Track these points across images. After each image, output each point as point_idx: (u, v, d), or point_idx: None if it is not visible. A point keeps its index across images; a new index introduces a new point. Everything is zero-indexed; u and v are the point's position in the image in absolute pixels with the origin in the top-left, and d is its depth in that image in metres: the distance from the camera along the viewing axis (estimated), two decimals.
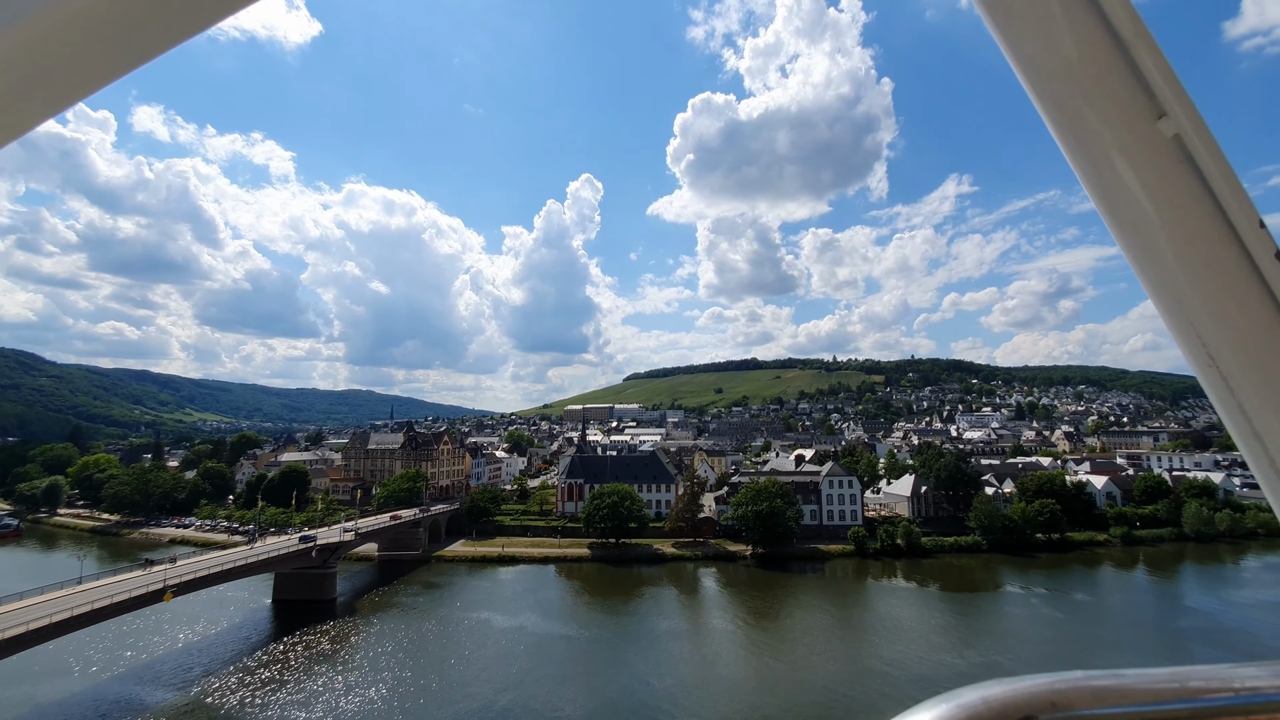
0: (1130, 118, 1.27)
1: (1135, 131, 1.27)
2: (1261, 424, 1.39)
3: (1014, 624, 64.71)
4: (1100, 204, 1.38)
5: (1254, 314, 1.30)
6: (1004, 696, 0.67)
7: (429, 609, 69.99)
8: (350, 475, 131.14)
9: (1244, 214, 1.27)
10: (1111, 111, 1.28)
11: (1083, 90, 1.30)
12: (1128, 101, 1.27)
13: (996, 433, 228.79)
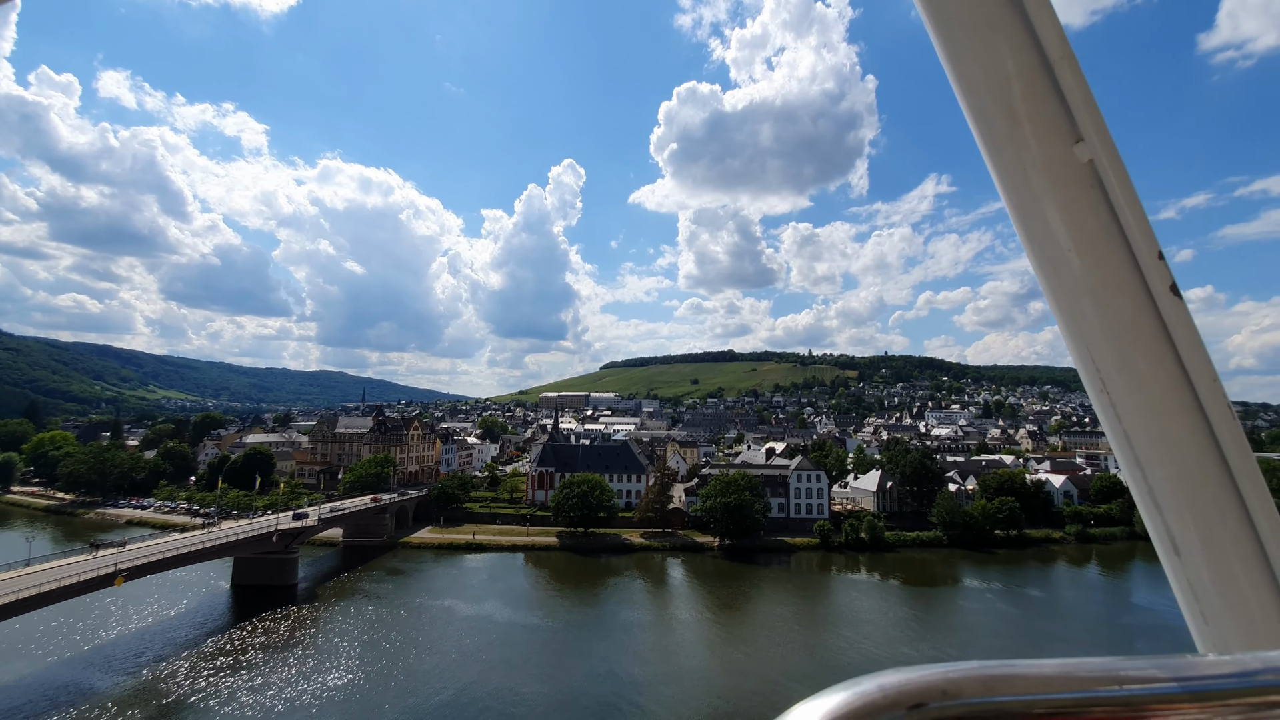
0: (1049, 139, 1.29)
1: (1052, 154, 1.29)
2: (1143, 453, 1.42)
3: (969, 618, 66.41)
4: (1016, 221, 1.41)
5: (1146, 345, 1.33)
6: (899, 685, 0.70)
7: (392, 596, 69.39)
8: (317, 459, 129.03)
9: (1145, 244, 1.30)
10: (1032, 131, 1.30)
11: (1008, 107, 1.32)
12: (1048, 123, 1.29)
13: (964, 430, 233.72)
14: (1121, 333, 1.35)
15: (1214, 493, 1.34)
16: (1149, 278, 1.30)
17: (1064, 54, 1.28)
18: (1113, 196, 1.29)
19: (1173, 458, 1.36)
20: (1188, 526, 1.32)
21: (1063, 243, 1.35)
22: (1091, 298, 1.35)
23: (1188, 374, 1.32)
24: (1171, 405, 1.34)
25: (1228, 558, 1.31)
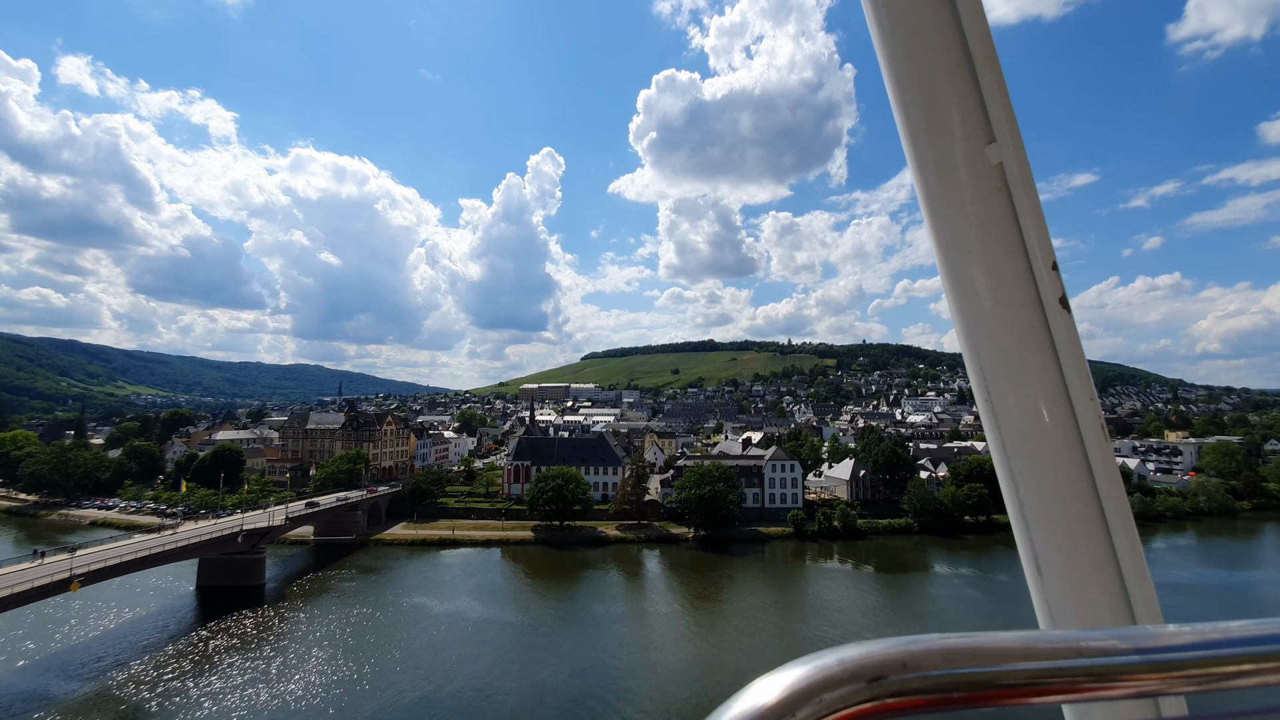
0: (964, 137, 1.30)
1: (966, 152, 1.30)
2: (1017, 468, 1.43)
3: (937, 604, 67.61)
4: (926, 216, 1.42)
5: (1033, 358, 1.34)
6: (859, 658, 0.70)
7: (364, 594, 68.71)
8: (288, 456, 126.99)
9: (1042, 254, 1.30)
10: (948, 126, 1.31)
11: (928, 99, 1.33)
12: (965, 120, 1.30)
13: (938, 417, 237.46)
14: (1011, 342, 1.35)
15: (1081, 518, 1.34)
16: (1042, 289, 1.30)
17: (986, 53, 1.28)
18: (1017, 202, 1.30)
19: (1045, 478, 1.36)
20: (1051, 549, 1.33)
21: (966, 244, 1.36)
22: (988, 304, 1.36)
23: (1069, 392, 1.33)
24: (1050, 423, 1.34)
25: (1087, 585, 1.32)
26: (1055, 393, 1.35)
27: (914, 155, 1.40)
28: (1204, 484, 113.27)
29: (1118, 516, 1.33)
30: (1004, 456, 1.43)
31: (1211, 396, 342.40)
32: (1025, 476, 1.40)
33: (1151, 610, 1.38)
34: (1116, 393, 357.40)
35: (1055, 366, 1.35)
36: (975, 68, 1.29)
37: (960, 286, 1.41)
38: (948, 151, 1.35)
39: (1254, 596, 69.44)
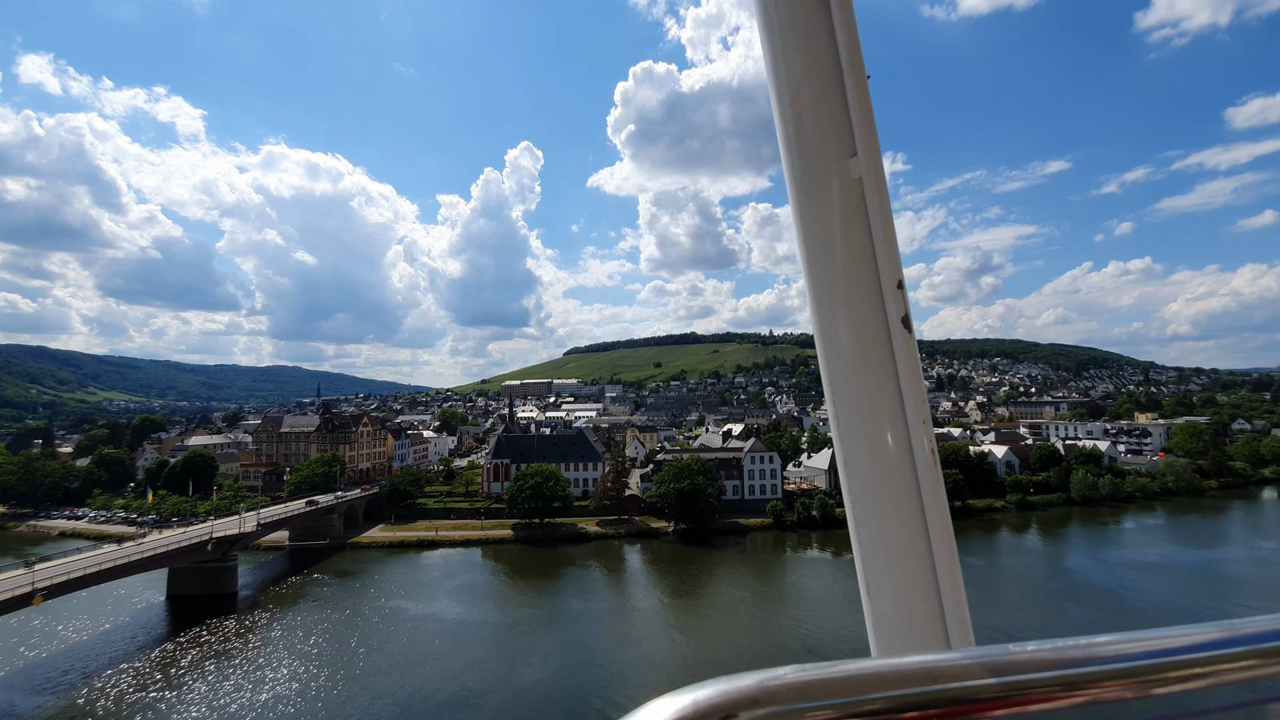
0: (830, 147, 1.31)
1: (830, 163, 1.31)
2: (854, 486, 1.43)
3: None
4: (796, 225, 1.41)
5: (875, 376, 1.34)
6: (712, 697, 0.70)
7: (339, 599, 67.89)
8: (262, 460, 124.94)
9: (890, 271, 1.31)
10: (818, 136, 1.32)
11: (800, 107, 1.33)
12: (831, 131, 1.31)
13: None
14: (858, 362, 1.36)
15: (907, 543, 1.35)
16: (888, 306, 1.32)
17: (855, 65, 1.28)
18: (872, 218, 1.30)
19: (878, 502, 1.37)
20: (879, 573, 1.33)
21: (826, 256, 1.36)
22: (841, 321, 1.37)
23: (905, 413, 1.33)
24: (887, 445, 1.34)
25: (909, 609, 1.32)
26: (894, 415, 1.36)
27: (785, 165, 1.40)
28: (1172, 464, 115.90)
29: (942, 543, 1.34)
30: (844, 478, 1.43)
31: (1181, 378, 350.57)
32: (860, 499, 1.40)
33: (965, 636, 1.36)
34: (1090, 376, 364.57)
35: (895, 386, 1.35)
36: (844, 80, 1.30)
37: (819, 301, 1.41)
38: (813, 163, 1.35)
39: (1217, 575, 71.18)
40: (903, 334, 1.33)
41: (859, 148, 1.28)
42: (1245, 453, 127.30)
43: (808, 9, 1.31)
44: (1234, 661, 0.82)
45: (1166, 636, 0.83)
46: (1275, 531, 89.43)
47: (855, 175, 1.31)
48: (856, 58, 1.28)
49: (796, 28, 1.32)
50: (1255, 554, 78.67)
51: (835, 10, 1.29)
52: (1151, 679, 0.78)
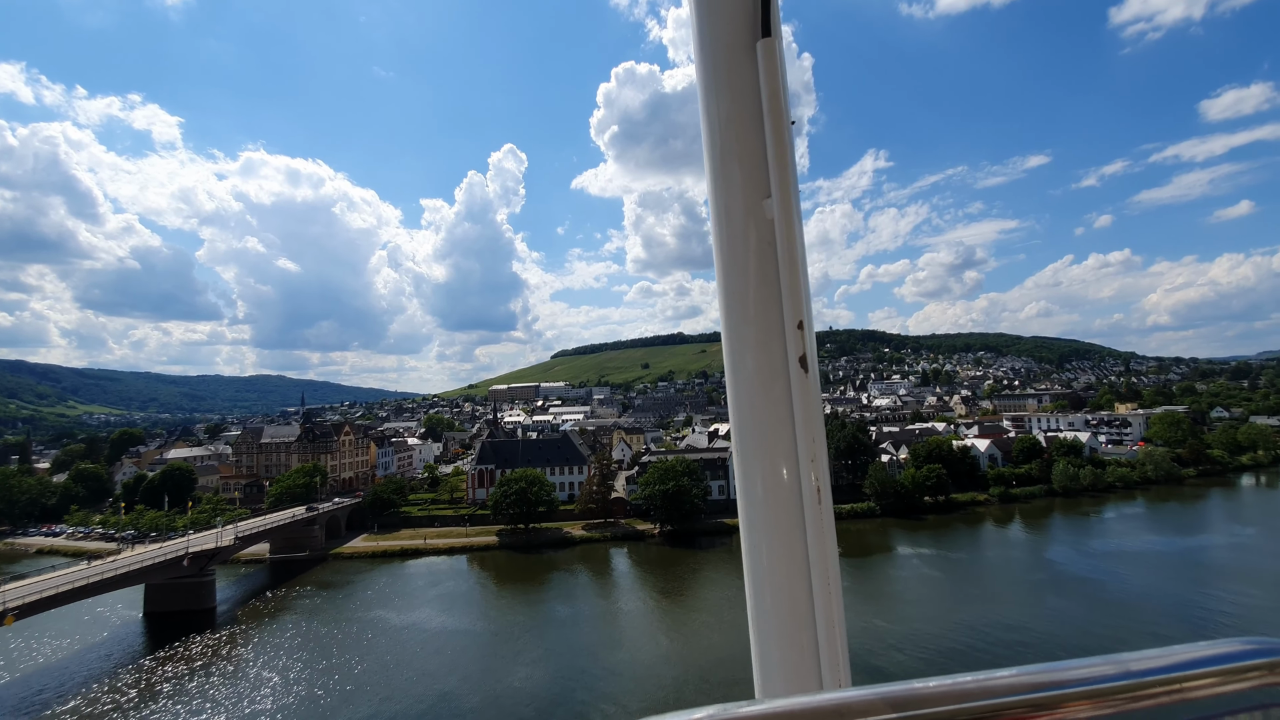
0: (748, 188, 1.35)
1: (748, 201, 1.35)
2: (750, 526, 1.44)
3: (897, 586, 68.63)
4: (715, 259, 1.44)
5: (773, 413, 1.35)
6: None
7: (320, 611, 66.97)
8: (242, 472, 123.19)
9: (792, 311, 1.33)
10: (738, 176, 1.36)
11: (725, 147, 1.37)
12: (750, 172, 1.35)
13: (903, 399, 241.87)
14: (761, 395, 1.37)
15: (793, 583, 1.36)
16: (789, 345, 1.34)
17: (775, 111, 1.31)
18: (780, 258, 1.32)
19: (768, 536, 1.38)
20: (765, 609, 1.33)
21: (739, 293, 1.38)
22: (748, 359, 1.38)
23: (798, 452, 1.34)
24: (780, 482, 1.36)
25: (790, 650, 1.33)
26: (787, 454, 1.37)
27: (709, 201, 1.43)
28: (1151, 453, 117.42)
29: (823, 582, 1.35)
30: (741, 513, 1.43)
31: (1161, 367, 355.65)
32: (752, 535, 1.41)
33: (840, 677, 1.37)
34: (1073, 368, 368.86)
35: (790, 425, 1.36)
36: (764, 124, 1.32)
37: (729, 336, 1.42)
38: (731, 202, 1.38)
39: (1197, 562, 72.03)
40: (800, 374, 1.35)
41: (773, 190, 1.32)
42: (1223, 440, 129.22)
43: (737, 56, 1.35)
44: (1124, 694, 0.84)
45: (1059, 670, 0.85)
46: (1253, 518, 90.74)
47: (769, 216, 1.34)
48: (778, 104, 1.31)
49: (725, 72, 1.36)
50: (1234, 540, 79.74)
51: (761, 58, 1.32)
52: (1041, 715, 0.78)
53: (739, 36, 1.37)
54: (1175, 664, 0.91)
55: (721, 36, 1.39)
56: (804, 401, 1.35)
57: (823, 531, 1.36)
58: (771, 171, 1.34)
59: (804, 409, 1.35)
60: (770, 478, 1.38)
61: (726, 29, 1.38)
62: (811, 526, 1.35)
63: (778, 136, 1.33)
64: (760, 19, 1.36)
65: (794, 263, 1.35)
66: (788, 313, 1.35)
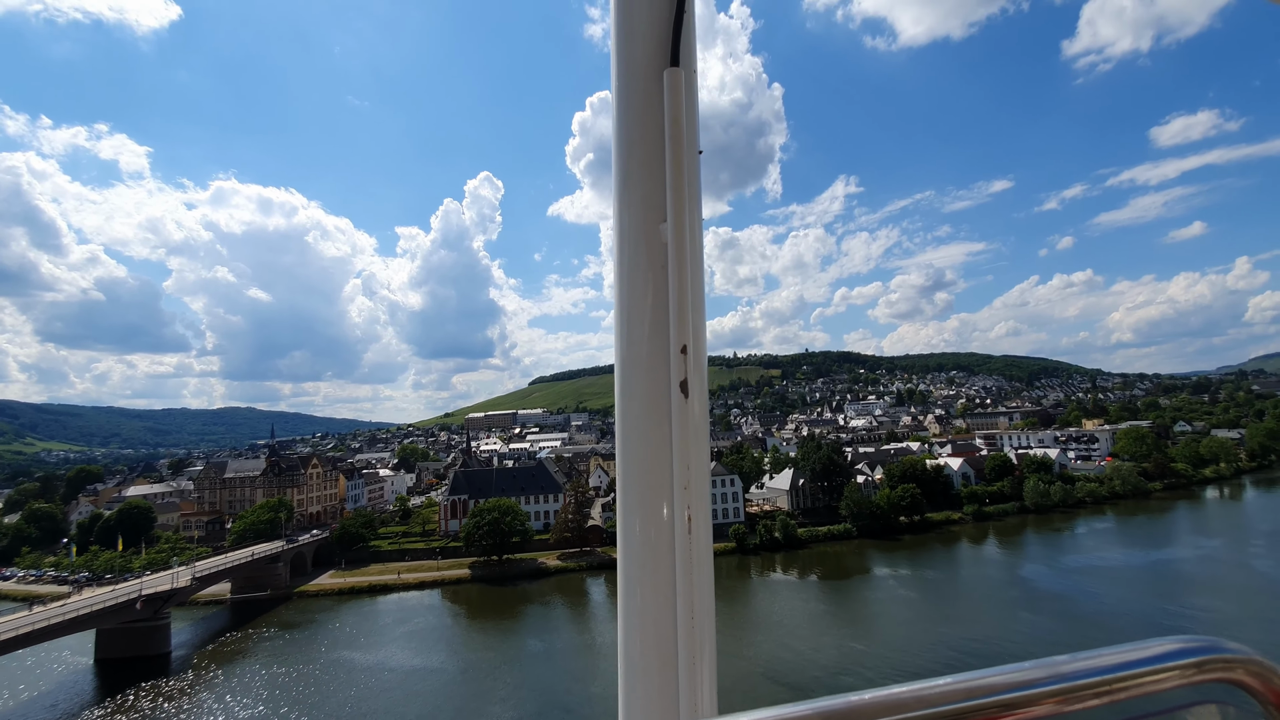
0: (646, 211, 1.36)
1: (645, 224, 1.36)
2: (628, 545, 1.41)
3: (874, 607, 68.31)
4: (614, 282, 1.43)
5: (654, 437, 1.33)
6: None
7: (283, 653, 64.35)
8: (204, 508, 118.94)
9: (678, 337, 1.32)
10: (639, 199, 1.38)
11: (629, 170, 1.38)
12: (649, 193, 1.37)
13: (878, 420, 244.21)
14: (643, 421, 1.36)
15: (661, 615, 1.32)
16: (672, 370, 1.32)
17: (677, 139, 1.33)
18: (671, 282, 1.32)
19: (641, 567, 1.34)
20: (633, 643, 1.29)
21: (632, 316, 1.38)
22: (637, 379, 1.37)
23: (673, 476, 1.33)
24: (656, 512, 1.33)
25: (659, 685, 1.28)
26: (663, 482, 1.34)
27: (613, 222, 1.44)
28: (1118, 468, 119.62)
29: (690, 618, 1.30)
30: (619, 542, 1.40)
31: (1126, 384, 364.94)
32: (627, 564, 1.37)
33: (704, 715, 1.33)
34: (1042, 385, 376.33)
35: (668, 450, 1.34)
36: (665, 152, 1.34)
37: (621, 360, 1.41)
38: (631, 225, 1.39)
39: (1166, 575, 73.05)
40: (680, 399, 1.33)
41: (669, 214, 1.32)
42: (1186, 454, 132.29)
43: (646, 83, 1.37)
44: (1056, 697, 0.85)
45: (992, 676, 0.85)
46: (1217, 530, 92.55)
47: (663, 240, 1.35)
48: (679, 131, 1.33)
49: (633, 98, 1.38)
50: (1200, 552, 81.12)
51: (667, 86, 1.34)
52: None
53: (650, 65, 1.39)
54: (1105, 666, 0.92)
55: (633, 63, 1.40)
56: (683, 428, 1.32)
57: (692, 563, 1.32)
58: (669, 196, 1.35)
59: (682, 436, 1.32)
60: (646, 507, 1.35)
61: (639, 56, 1.40)
62: (680, 558, 1.31)
63: (676, 162, 1.34)
64: (671, 49, 1.39)
65: (683, 287, 1.34)
66: (673, 337, 1.34)
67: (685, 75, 1.40)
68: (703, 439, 1.36)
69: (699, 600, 1.31)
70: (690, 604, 1.30)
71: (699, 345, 1.38)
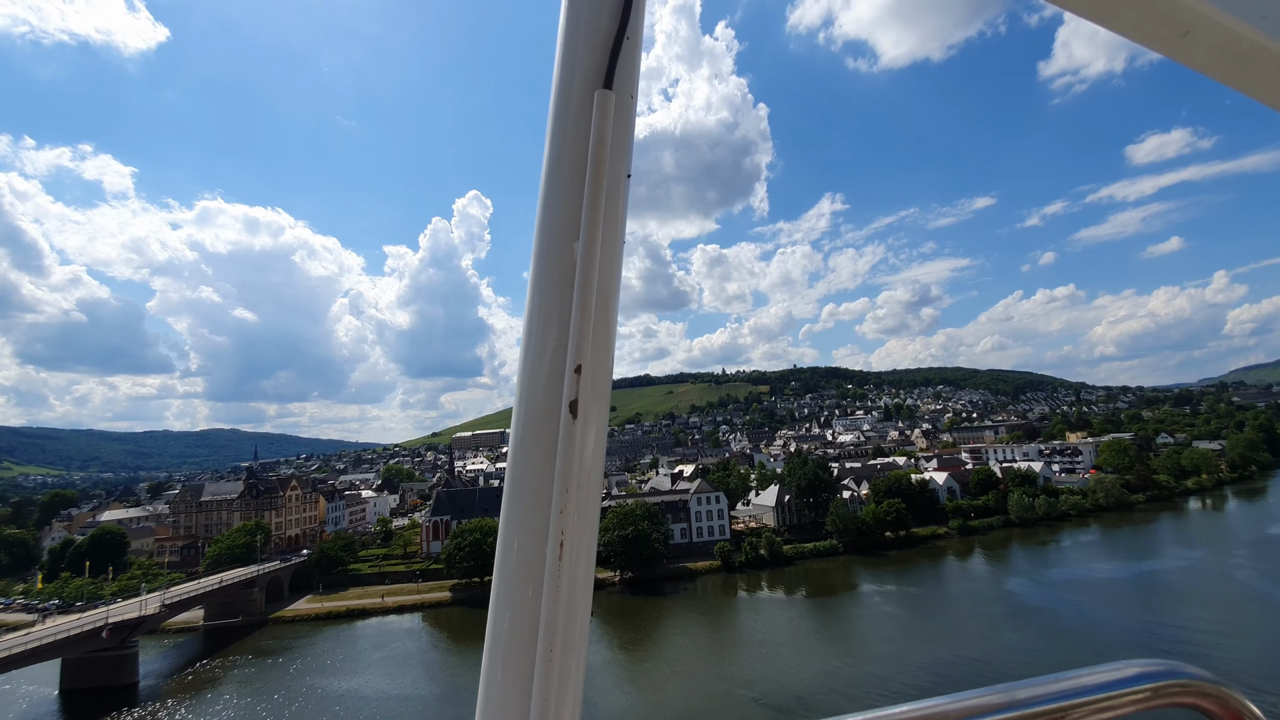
0: (563, 227, 1.37)
1: (559, 241, 1.37)
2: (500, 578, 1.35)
3: (858, 625, 67.58)
4: (527, 295, 1.44)
5: (537, 457, 1.31)
6: None
7: (255, 681, 62.53)
8: (180, 533, 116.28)
9: (575, 355, 1.31)
10: (559, 215, 1.38)
11: (553, 187, 1.39)
12: (568, 212, 1.37)
13: (866, 435, 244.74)
14: (532, 438, 1.33)
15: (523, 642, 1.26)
16: (565, 390, 1.30)
17: (600, 160, 1.35)
18: (576, 299, 1.32)
19: (510, 588, 1.29)
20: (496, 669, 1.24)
21: (537, 331, 1.38)
22: (535, 396, 1.36)
23: (552, 501, 1.30)
24: (533, 536, 1.30)
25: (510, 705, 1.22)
26: (543, 504, 1.29)
27: (534, 236, 1.44)
28: (1102, 481, 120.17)
29: (550, 651, 1.23)
30: (496, 571, 1.34)
31: (1110, 397, 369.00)
32: (500, 594, 1.30)
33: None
34: (1027, 399, 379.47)
35: (550, 476, 1.29)
36: (586, 171, 1.36)
37: (522, 375, 1.39)
38: (548, 240, 1.40)
39: (1151, 587, 73.00)
40: (568, 420, 1.29)
41: (582, 233, 1.33)
42: (1168, 465, 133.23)
43: (578, 104, 1.38)
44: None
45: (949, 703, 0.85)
46: (1200, 541, 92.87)
47: (573, 258, 1.35)
48: (602, 152, 1.35)
49: (563, 116, 1.40)
50: (1184, 564, 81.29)
51: (596, 107, 1.36)
52: None
53: (584, 85, 1.40)
54: (1061, 691, 0.92)
55: (568, 83, 1.42)
56: (567, 450, 1.29)
57: (560, 593, 1.25)
58: (584, 214, 1.35)
59: (565, 457, 1.28)
60: (524, 530, 1.31)
61: (574, 76, 1.41)
62: (548, 586, 1.25)
63: (597, 181, 1.35)
64: (606, 71, 1.40)
65: (587, 306, 1.32)
66: (571, 355, 1.32)
67: (618, 98, 1.41)
68: (591, 463, 1.32)
69: (562, 633, 1.24)
70: (552, 636, 1.23)
71: (600, 367, 1.35)
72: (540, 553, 1.26)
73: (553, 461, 1.29)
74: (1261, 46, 1.14)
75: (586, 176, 1.36)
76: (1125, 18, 1.18)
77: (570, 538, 1.26)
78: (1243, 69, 1.18)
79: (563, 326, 1.35)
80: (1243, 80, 1.21)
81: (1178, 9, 1.12)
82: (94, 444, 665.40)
